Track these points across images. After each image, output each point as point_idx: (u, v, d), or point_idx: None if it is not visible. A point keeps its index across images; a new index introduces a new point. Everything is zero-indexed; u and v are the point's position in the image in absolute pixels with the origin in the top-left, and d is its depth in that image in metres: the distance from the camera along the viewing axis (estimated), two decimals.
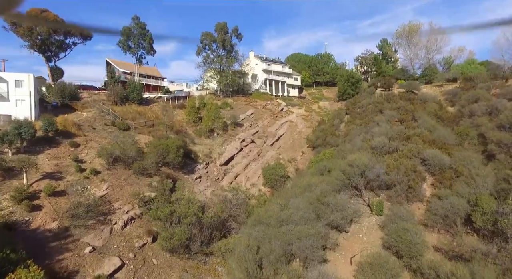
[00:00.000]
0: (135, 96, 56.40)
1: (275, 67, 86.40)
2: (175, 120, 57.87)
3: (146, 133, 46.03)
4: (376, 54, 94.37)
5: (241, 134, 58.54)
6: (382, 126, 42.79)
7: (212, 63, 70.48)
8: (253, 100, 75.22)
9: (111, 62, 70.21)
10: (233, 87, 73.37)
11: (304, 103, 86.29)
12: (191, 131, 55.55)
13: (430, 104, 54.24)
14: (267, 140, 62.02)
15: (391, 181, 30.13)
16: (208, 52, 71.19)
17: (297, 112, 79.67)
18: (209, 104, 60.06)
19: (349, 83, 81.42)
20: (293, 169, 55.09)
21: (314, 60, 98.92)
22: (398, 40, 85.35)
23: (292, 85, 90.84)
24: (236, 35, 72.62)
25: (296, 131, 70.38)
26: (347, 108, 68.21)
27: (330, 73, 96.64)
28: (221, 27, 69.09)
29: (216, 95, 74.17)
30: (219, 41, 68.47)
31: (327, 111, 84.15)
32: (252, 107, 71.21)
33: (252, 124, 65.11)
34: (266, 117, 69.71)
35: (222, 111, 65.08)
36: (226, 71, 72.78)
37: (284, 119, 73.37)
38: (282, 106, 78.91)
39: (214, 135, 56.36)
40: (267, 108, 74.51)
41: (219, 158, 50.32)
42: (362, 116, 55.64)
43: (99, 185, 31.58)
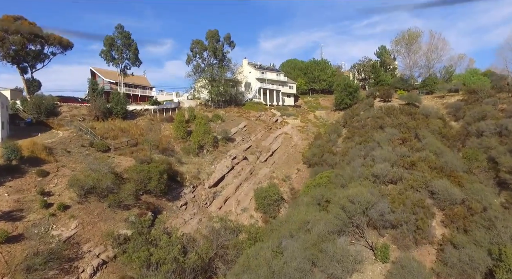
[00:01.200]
0: (119, 110, 52.55)
1: (270, 75, 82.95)
2: (162, 136, 54.19)
3: (128, 154, 42.24)
4: (374, 61, 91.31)
5: (233, 151, 54.91)
6: (384, 148, 39.43)
7: (203, 73, 66.80)
8: (246, 111, 71.66)
9: (96, 71, 66.28)
10: (225, 97, 69.71)
11: (300, 113, 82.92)
12: (179, 148, 51.82)
13: (433, 120, 51.09)
14: (260, 155, 58.49)
15: (397, 220, 26.74)
16: (198, 61, 67.56)
17: (293, 123, 76.29)
18: (199, 118, 56.37)
19: (347, 92, 78.21)
20: (288, 189, 51.66)
21: (310, 67, 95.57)
22: (397, 47, 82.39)
23: (287, 93, 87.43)
24: (229, 43, 69.04)
25: (291, 144, 66.95)
26: (344, 121, 64.94)
27: (327, 81, 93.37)
28: (212, 35, 65.48)
29: (207, 106, 70.51)
30: (210, 50, 64.86)
31: (324, 121, 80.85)
32: (245, 119, 67.65)
33: (245, 139, 61.54)
34: (259, 130, 66.20)
35: (213, 124, 61.50)
36: (218, 80, 69.10)
37: (279, 131, 69.92)
38: (277, 117, 75.46)
39: (204, 152, 52.70)
40: (260, 120, 71.00)
41: (208, 179, 46.67)
42: (361, 133, 52.31)
43: (67, 223, 27.81)
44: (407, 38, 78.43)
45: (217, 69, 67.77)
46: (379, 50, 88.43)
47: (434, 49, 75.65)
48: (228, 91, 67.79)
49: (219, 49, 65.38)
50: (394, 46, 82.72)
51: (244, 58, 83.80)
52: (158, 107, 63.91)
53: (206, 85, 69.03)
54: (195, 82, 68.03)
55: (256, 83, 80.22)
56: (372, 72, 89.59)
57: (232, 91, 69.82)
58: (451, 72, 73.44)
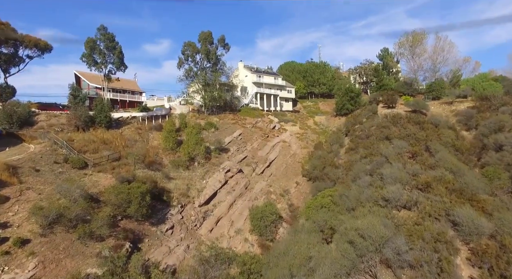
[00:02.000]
0: (102, 119, 48.14)
1: (267, 79, 78.71)
2: (149, 147, 49.83)
3: (108, 171, 37.87)
4: (376, 64, 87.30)
5: (226, 163, 50.59)
6: (393, 165, 35.25)
7: (196, 77, 62.48)
8: (242, 117, 67.38)
9: (80, 75, 61.83)
10: (219, 103, 65.39)
11: (299, 119, 78.73)
12: (167, 161, 47.45)
13: (444, 131, 46.99)
14: (257, 167, 54.20)
15: (416, 259, 22.53)
16: (191, 65, 63.21)
17: (291, 130, 72.08)
18: (190, 128, 52.04)
19: (348, 97, 74.19)
20: (286, 205, 47.42)
21: (309, 70, 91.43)
22: (400, 50, 78.38)
23: (286, 98, 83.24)
24: (223, 45, 64.73)
25: (290, 153, 62.71)
26: (346, 129, 60.78)
27: (327, 85, 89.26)
28: (205, 37, 61.18)
29: (200, 112, 66.18)
30: (203, 53, 60.55)
31: (324, 128, 76.71)
32: (241, 127, 63.36)
33: (240, 148, 57.24)
34: (256, 138, 61.91)
35: (205, 133, 57.17)
36: (212, 85, 64.78)
37: (277, 139, 65.68)
38: (275, 123, 71.25)
39: (195, 164, 48.34)
40: (257, 127, 66.73)
41: (198, 196, 42.34)
42: (366, 144, 48.18)
43: (23, 263, 23.40)
44: (412, 40, 74.44)
45: (210, 74, 63.50)
46: (381, 52, 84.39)
47: (440, 51, 71.72)
48: (222, 97, 63.50)
49: (213, 52, 61.07)
50: (398, 49, 78.82)
51: (239, 61, 79.64)
52: (147, 114, 59.50)
53: (199, 91, 64.69)
54: (187, 87, 63.61)
55: (253, 87, 76.00)
56: (374, 75, 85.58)
57: (227, 97, 65.54)
58: (459, 76, 69.46)
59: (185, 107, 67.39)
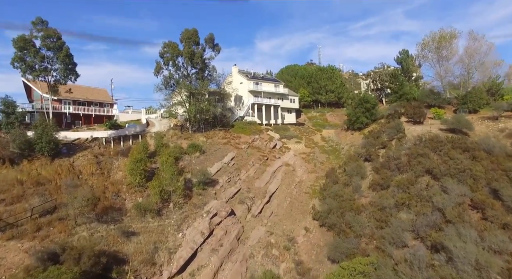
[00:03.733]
0: (44, 145, 35.58)
1: (266, 86, 66.24)
2: (110, 182, 37.37)
3: (28, 235, 25.32)
4: (393, 68, 74.99)
5: (213, 203, 38.08)
6: (463, 233, 22.79)
7: (177, 86, 49.93)
8: (236, 135, 54.86)
9: (30, 84, 49.14)
10: (207, 116, 52.85)
11: (304, 134, 66.34)
12: (131, 203, 34.97)
13: (506, 162, 34.56)
14: (253, 204, 41.79)
15: None
16: (171, 71, 50.67)
17: (295, 149, 59.68)
18: (165, 155, 39.57)
19: (363, 109, 61.97)
20: (293, 264, 34.94)
21: (315, 75, 79.06)
22: (423, 52, 66.08)
23: (288, 108, 70.82)
24: (212, 46, 52.23)
25: (295, 181, 50.28)
26: (367, 153, 48.16)
27: (336, 92, 76.86)
28: (189, 35, 48.71)
29: (184, 128, 53.64)
30: (186, 55, 48.02)
31: (334, 144, 64.33)
32: (234, 148, 50.84)
33: (232, 178, 44.75)
34: (252, 163, 49.39)
35: (187, 159, 44.69)
36: (199, 95, 52.32)
37: (278, 162, 53.25)
38: (275, 141, 58.81)
39: (170, 207, 35.90)
40: (254, 147, 54.25)
41: (169, 261, 29.82)
42: (401, 181, 35.78)
43: None
44: (438, 40, 62.14)
45: (196, 81, 51.03)
46: (400, 55, 72.00)
47: (475, 53, 59.44)
48: (211, 110, 50.92)
49: (198, 55, 48.50)
50: (420, 51, 66.42)
51: (233, 65, 67.03)
52: (114, 133, 46.89)
53: (183, 102, 52.12)
54: (168, 98, 50.92)
55: (249, 97, 63.53)
56: (391, 82, 73.25)
57: (217, 111, 52.97)
58: (499, 84, 57.19)
59: (166, 122, 54.80)
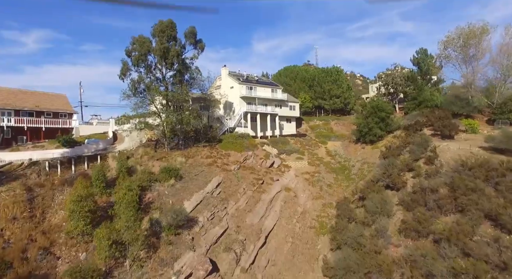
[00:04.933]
0: None
1: (262, 91, 55.86)
2: (43, 230, 26.83)
3: None
4: (408, 70, 65.06)
5: (187, 256, 27.62)
6: None
7: (148, 92, 39.32)
8: (224, 153, 44.49)
9: None
10: (188, 128, 42.35)
11: (306, 147, 56.10)
12: (67, 264, 24.41)
13: None
14: (243, 251, 31.47)
15: None
16: (142, 73, 40.09)
17: (297, 167, 49.46)
18: (123, 189, 29.06)
19: (377, 118, 51.93)
20: None
21: (318, 77, 68.88)
22: (447, 51, 56.10)
23: (287, 117, 60.59)
24: (193, 43, 41.80)
25: (297, 211, 40.11)
26: (390, 179, 37.79)
27: (342, 98, 66.74)
28: (163, 28, 38.24)
29: (159, 144, 43.13)
30: (158, 53, 37.49)
31: (342, 161, 54.21)
32: (220, 170, 40.42)
33: (216, 214, 34.33)
34: (244, 190, 39.08)
35: (158, 188, 34.21)
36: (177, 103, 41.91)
37: (276, 185, 43.03)
38: (272, 157, 48.53)
39: (125, 265, 25.41)
40: (246, 168, 43.93)
41: None
42: (453, 237, 25.50)
43: None
44: (466, 36, 52.22)
45: (172, 86, 40.61)
46: (417, 55, 61.97)
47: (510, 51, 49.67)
48: (192, 123, 40.44)
49: (174, 53, 37.90)
50: (443, 50, 56.40)
51: (223, 66, 56.57)
52: (69, 152, 36.29)
53: (157, 112, 41.57)
54: (137, 106, 40.12)
55: (241, 104, 53.17)
56: (406, 85, 63.33)
57: (199, 123, 42.50)
58: None
59: (137, 136, 44.20)
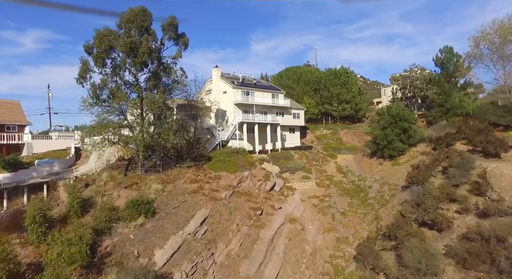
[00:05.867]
0: None
1: (260, 97, 47.07)
2: None
3: None
4: (429, 72, 56.48)
5: None
6: None
7: (114, 100, 30.34)
8: (214, 174, 35.72)
9: None
10: (167, 145, 33.32)
11: (313, 163, 47.42)
12: None
13: None
14: None
15: None
16: (107, 74, 31.16)
17: (303, 189, 40.81)
18: (56, 247, 20.14)
19: (397, 129, 43.43)
20: None
21: (325, 80, 60.19)
22: (478, 49, 47.55)
23: (291, 127, 51.88)
24: (174, 37, 32.97)
25: (306, 252, 31.50)
26: (423, 210, 29.03)
27: (352, 103, 58.07)
28: (131, 17, 29.42)
29: (132, 164, 34.26)
30: (123, 49, 28.56)
31: (357, 180, 45.58)
32: (208, 199, 31.58)
33: (200, 265, 25.53)
34: (237, 227, 30.30)
35: (122, 231, 25.34)
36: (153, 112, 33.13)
37: (279, 216, 34.37)
38: (273, 178, 39.84)
39: None
40: (241, 193, 35.17)
41: None
42: None
43: None
44: (506, 31, 43.71)
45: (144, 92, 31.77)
46: (441, 54, 53.35)
47: None
48: (170, 140, 31.52)
49: (145, 49, 28.96)
50: (473, 47, 47.84)
51: (214, 67, 47.75)
52: (9, 178, 27.40)
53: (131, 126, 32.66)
54: (100, 119, 31.11)
55: (236, 112, 44.38)
56: (426, 89, 54.77)
57: (182, 140, 33.54)
58: None
59: (100, 155, 35.02)
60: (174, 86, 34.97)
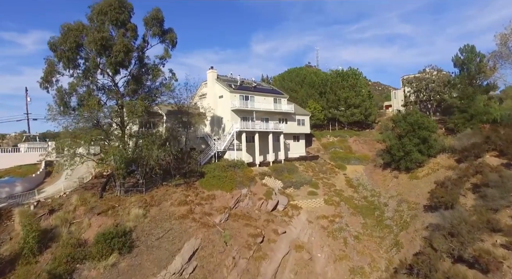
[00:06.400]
0: None
1: (261, 102, 41.93)
2: None
3: None
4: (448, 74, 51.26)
5: None
6: None
7: (84, 108, 25.16)
8: (207, 193, 30.58)
9: None
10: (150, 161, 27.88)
11: (320, 175, 42.30)
12: None
13: None
14: None
15: None
16: (79, 77, 26.00)
17: (309, 208, 35.66)
18: None
19: (416, 138, 38.37)
20: None
21: (332, 82, 55.05)
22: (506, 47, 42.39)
23: (295, 134, 46.76)
24: (159, 34, 27.88)
25: None
26: (460, 244, 23.85)
27: (362, 108, 52.90)
28: (104, 8, 24.27)
29: (111, 183, 29.10)
30: (94, 47, 23.43)
31: (369, 194, 40.45)
32: (199, 226, 26.42)
33: None
34: (233, 260, 25.14)
35: (86, 273, 20.08)
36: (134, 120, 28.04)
37: (282, 242, 29.29)
38: (276, 196, 34.69)
39: None
40: (239, 215, 30.03)
41: None
42: None
43: None
44: None
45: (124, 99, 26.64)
46: (461, 54, 48.17)
47: None
48: (153, 156, 26.32)
49: (120, 47, 23.77)
50: (500, 46, 42.64)
51: (209, 68, 42.59)
52: None
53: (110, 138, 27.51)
54: (65, 132, 26.03)
55: (234, 118, 39.22)
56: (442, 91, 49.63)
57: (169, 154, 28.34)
58: None
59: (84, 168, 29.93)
60: (160, 91, 29.80)
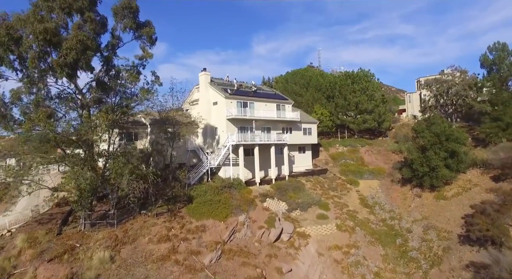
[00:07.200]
0: None
1: (262, 109, 36.12)
2: None
3: None
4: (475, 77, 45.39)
5: None
6: None
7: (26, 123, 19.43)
8: (195, 224, 24.82)
9: None
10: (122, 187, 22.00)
11: (330, 194, 36.49)
12: None
13: None
14: None
15: None
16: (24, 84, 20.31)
17: (319, 236, 29.82)
18: None
19: (442, 151, 32.64)
20: None
21: (340, 85, 49.27)
22: None
23: (300, 145, 41.01)
24: (132, 27, 22.19)
25: None
26: None
27: (375, 114, 47.07)
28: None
29: (75, 217, 23.34)
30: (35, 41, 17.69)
31: (387, 217, 34.62)
32: (182, 270, 20.63)
33: None
34: None
35: None
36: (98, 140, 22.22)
37: None
38: (280, 222, 28.95)
39: None
40: (235, 251, 24.23)
41: None
42: None
43: None
44: None
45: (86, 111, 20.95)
46: (490, 53, 42.30)
47: None
48: (123, 184, 20.55)
49: (73, 43, 18.00)
50: None
51: (202, 70, 36.84)
52: None
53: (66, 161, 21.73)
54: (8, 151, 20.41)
55: (230, 129, 33.43)
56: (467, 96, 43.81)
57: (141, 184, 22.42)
58: None
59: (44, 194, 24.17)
60: (139, 98, 24.12)
